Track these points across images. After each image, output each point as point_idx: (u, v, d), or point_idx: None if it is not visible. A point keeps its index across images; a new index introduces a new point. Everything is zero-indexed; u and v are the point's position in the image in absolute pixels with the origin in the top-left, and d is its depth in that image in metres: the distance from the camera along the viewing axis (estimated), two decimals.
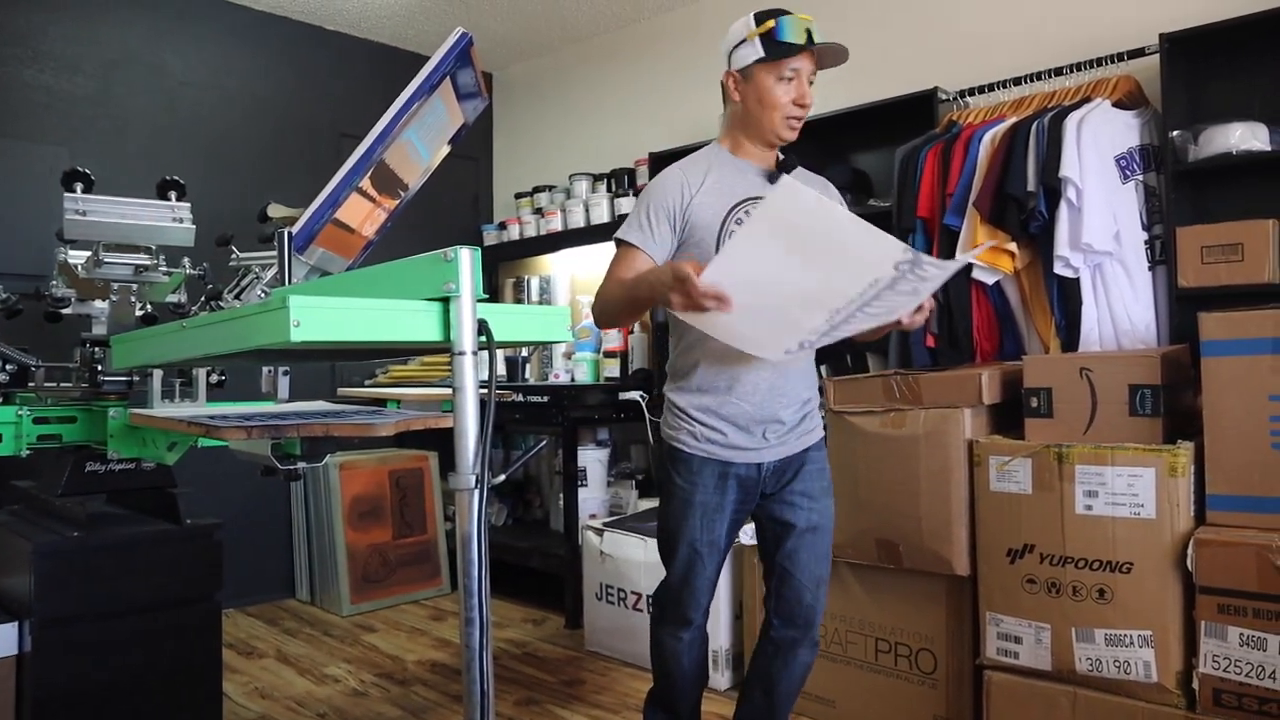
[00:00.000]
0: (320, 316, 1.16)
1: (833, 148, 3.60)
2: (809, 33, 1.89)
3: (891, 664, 2.54)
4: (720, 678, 2.93)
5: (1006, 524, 2.31)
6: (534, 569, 3.90)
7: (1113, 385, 2.23)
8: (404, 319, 1.24)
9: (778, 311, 1.67)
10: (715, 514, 1.95)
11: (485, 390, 1.26)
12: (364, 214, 2.04)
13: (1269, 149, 2.52)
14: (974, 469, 2.37)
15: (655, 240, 1.92)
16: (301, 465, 1.68)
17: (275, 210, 2.29)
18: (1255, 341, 2.09)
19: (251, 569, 3.98)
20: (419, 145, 2.04)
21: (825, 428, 2.12)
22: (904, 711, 2.50)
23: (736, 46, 1.95)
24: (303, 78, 4.37)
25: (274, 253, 1.93)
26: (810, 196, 1.47)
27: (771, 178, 1.96)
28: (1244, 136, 2.54)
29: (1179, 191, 2.65)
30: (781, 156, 2.03)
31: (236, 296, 2.28)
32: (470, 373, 1.24)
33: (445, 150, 2.13)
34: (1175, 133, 2.63)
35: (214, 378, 2.29)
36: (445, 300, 1.27)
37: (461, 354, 1.24)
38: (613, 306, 1.92)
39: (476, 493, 1.24)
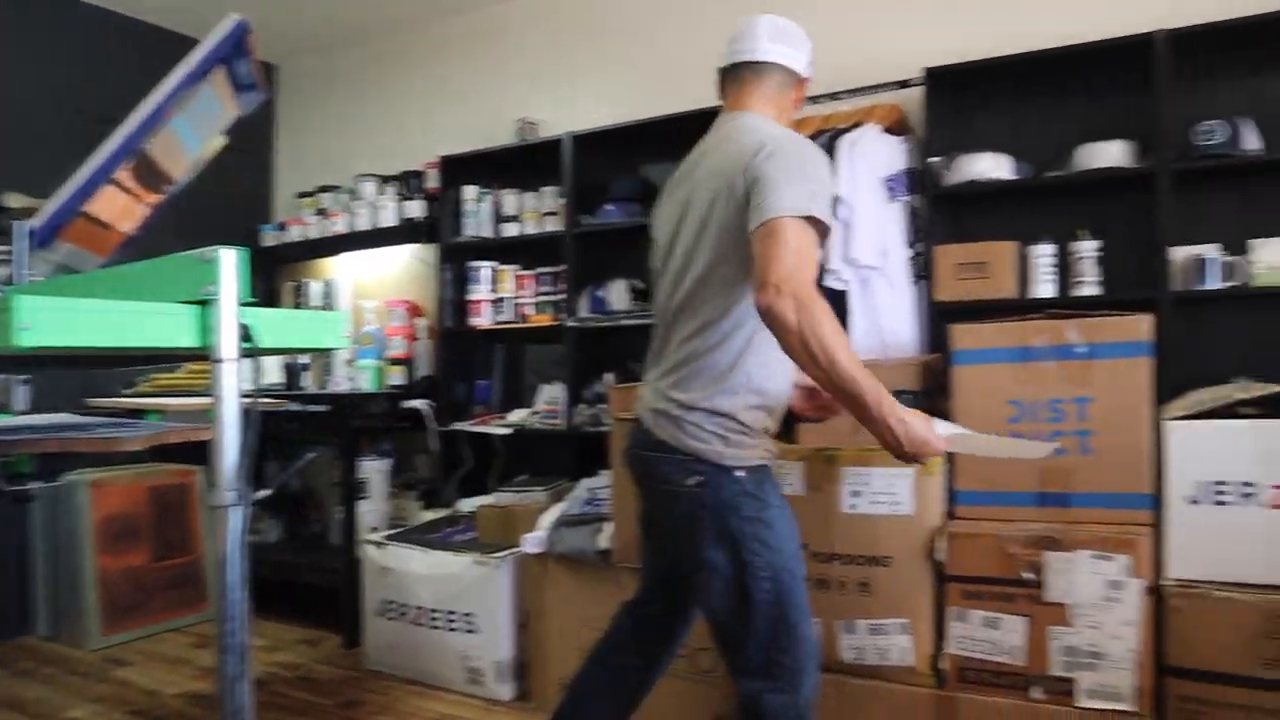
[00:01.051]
0: (54, 319, 1.05)
1: (624, 158, 3.66)
2: None
3: (670, 664, 2.59)
4: (502, 689, 2.89)
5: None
6: (311, 586, 3.71)
7: None
8: (153, 323, 1.14)
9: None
10: None
11: (250, 399, 1.18)
12: (121, 208, 1.87)
13: (1012, 178, 2.81)
14: None
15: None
16: (34, 485, 1.51)
17: (14, 200, 2.07)
18: (997, 351, 2.30)
19: None
20: (187, 136, 1.90)
21: (615, 435, 2.13)
22: (685, 711, 2.56)
23: (810, 61, 1.88)
24: (52, 55, 3.96)
25: (9, 247, 1.74)
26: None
27: None
28: (991, 166, 2.81)
29: (937, 213, 2.88)
30: None
31: None
32: (231, 381, 1.16)
33: (219, 143, 2.00)
34: (934, 159, 2.86)
35: None
36: (206, 303, 1.18)
37: (220, 361, 1.16)
38: (830, 363, 1.49)
39: (238, 510, 1.16)
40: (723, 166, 1.70)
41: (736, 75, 1.87)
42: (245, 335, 1.18)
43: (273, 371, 4.27)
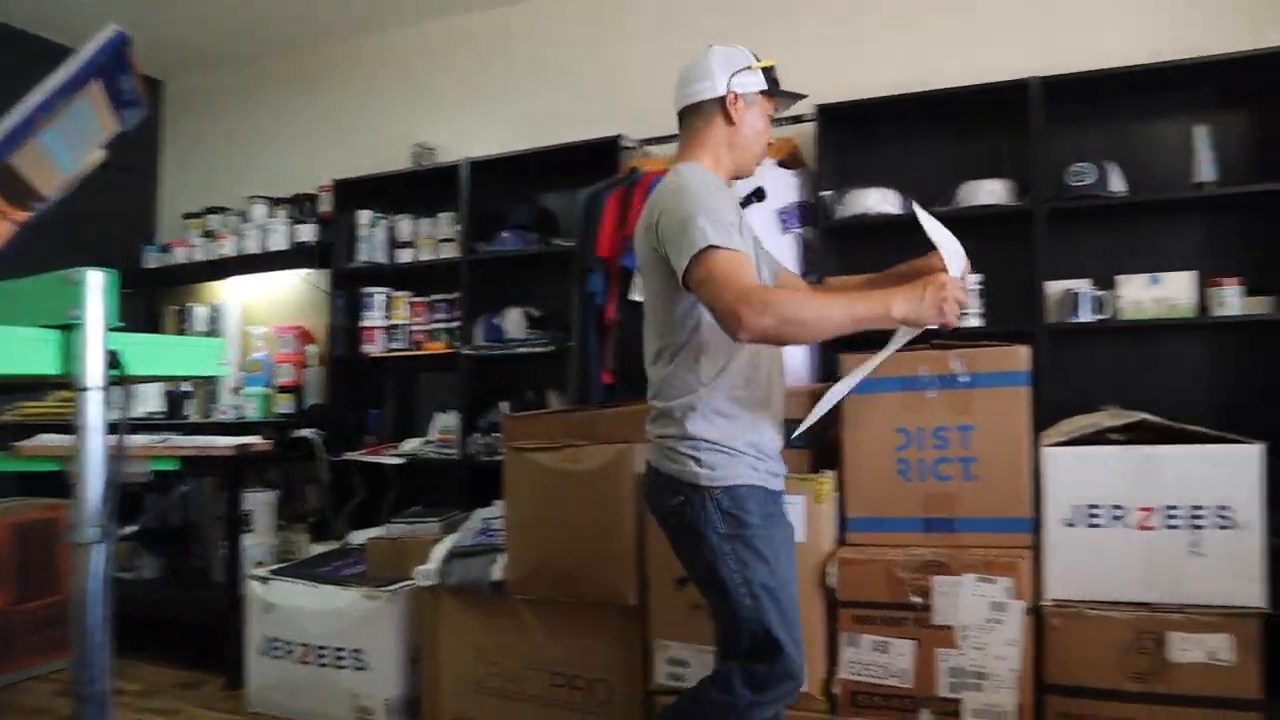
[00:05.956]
0: None
1: (520, 186, 3.65)
2: None
3: (567, 696, 2.56)
4: None
5: (673, 554, 2.41)
6: (191, 625, 3.54)
7: None
8: (10, 348, 1.07)
9: None
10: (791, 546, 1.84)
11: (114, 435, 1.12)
12: None
13: (898, 212, 2.90)
14: (643, 502, 2.46)
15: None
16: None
17: None
18: (885, 380, 2.36)
19: None
20: (60, 151, 1.81)
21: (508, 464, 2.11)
22: None
23: (741, 71, 1.91)
24: None
25: None
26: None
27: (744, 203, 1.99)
28: (878, 200, 2.91)
29: (828, 244, 2.96)
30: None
31: None
32: (96, 411, 1.10)
33: (97, 159, 1.91)
34: (825, 193, 2.94)
35: None
36: (71, 328, 1.12)
37: (85, 389, 1.09)
38: (821, 326, 1.63)
39: (101, 547, 1.09)
40: (644, 223, 1.84)
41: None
42: (113, 362, 1.12)
43: (152, 399, 4.08)
